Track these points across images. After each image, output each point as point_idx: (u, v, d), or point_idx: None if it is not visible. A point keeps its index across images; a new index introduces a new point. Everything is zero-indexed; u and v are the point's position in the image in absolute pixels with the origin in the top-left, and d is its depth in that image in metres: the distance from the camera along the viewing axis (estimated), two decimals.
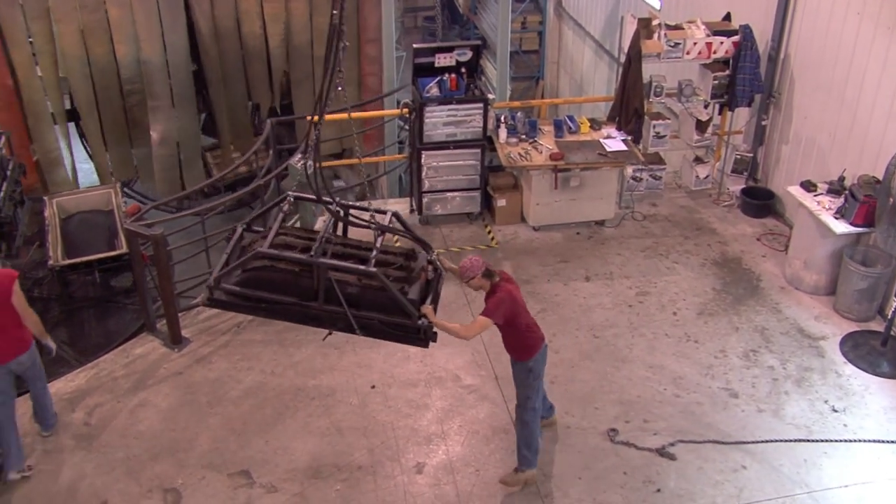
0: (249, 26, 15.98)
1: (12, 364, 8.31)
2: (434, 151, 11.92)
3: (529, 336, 7.79)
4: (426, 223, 12.45)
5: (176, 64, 16.11)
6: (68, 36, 15.65)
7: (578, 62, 20.50)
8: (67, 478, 8.44)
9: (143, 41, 15.81)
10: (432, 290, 7.76)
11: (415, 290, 7.65)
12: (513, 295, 7.52)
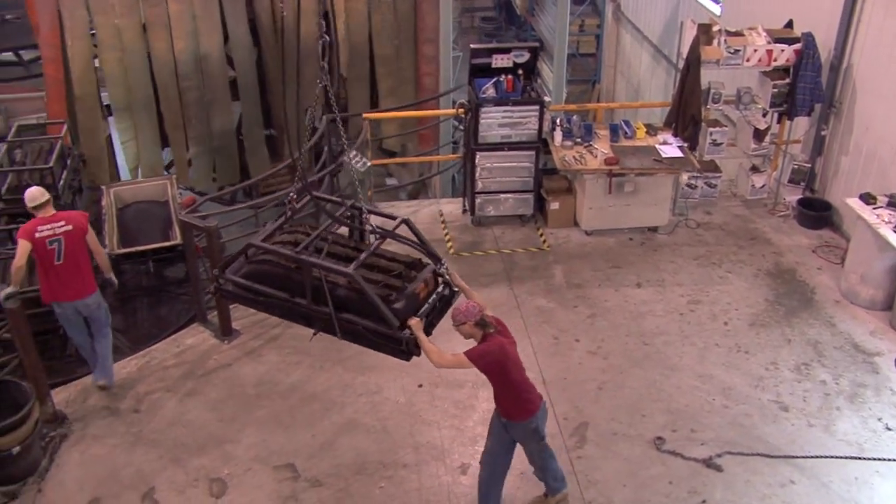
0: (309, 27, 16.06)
1: (79, 304, 9.03)
2: (489, 152, 11.91)
3: (524, 394, 7.27)
4: (478, 224, 12.45)
5: (240, 54, 16.25)
6: (130, 30, 15.85)
7: (635, 66, 20.36)
8: (116, 462, 8.59)
9: (203, 35, 15.96)
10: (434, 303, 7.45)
11: (410, 301, 7.29)
12: (504, 348, 7.06)
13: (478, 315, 7.01)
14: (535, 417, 7.30)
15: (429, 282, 7.58)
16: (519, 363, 7.24)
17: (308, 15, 15.94)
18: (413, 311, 7.31)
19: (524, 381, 7.27)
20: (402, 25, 15.81)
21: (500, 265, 11.56)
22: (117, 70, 16.12)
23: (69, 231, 8.89)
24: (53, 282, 8.95)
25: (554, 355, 9.86)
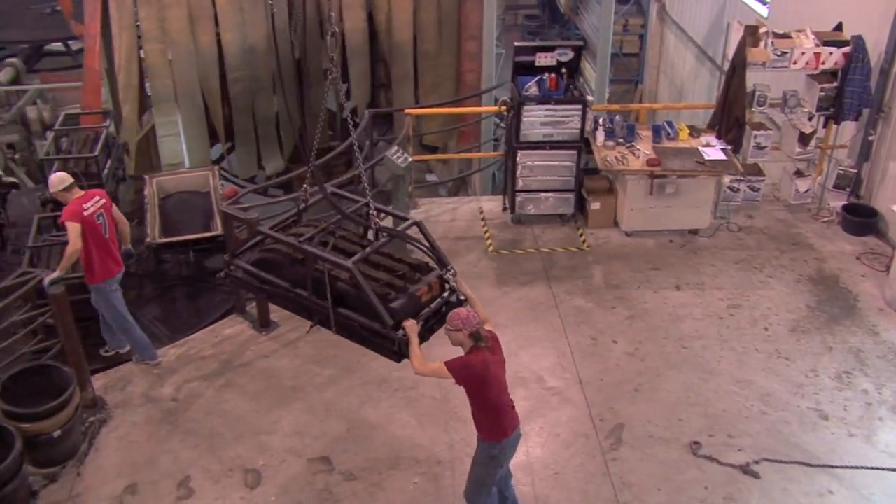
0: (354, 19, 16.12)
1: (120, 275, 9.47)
2: (530, 151, 11.89)
3: (498, 417, 6.97)
4: (518, 222, 12.43)
5: (282, 47, 16.32)
6: (176, 21, 15.95)
7: (679, 67, 20.21)
8: (153, 450, 8.68)
9: (250, 27, 16.05)
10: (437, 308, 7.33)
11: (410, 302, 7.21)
12: (486, 365, 6.71)
13: (475, 326, 6.69)
14: (500, 444, 7.02)
15: (433, 286, 7.45)
16: (501, 384, 6.93)
17: (352, 9, 15.99)
18: (412, 313, 7.20)
19: (501, 405, 6.96)
20: (445, 22, 15.80)
21: (539, 264, 11.53)
22: (160, 62, 16.22)
23: (105, 204, 9.33)
24: (104, 256, 9.23)
25: (591, 356, 9.83)
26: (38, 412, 8.20)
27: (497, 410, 6.93)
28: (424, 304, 7.36)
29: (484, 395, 6.86)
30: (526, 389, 9.33)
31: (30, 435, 8.11)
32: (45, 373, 8.71)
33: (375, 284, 7.25)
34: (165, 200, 13.38)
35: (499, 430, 6.98)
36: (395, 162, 10.98)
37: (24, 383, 8.56)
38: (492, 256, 11.72)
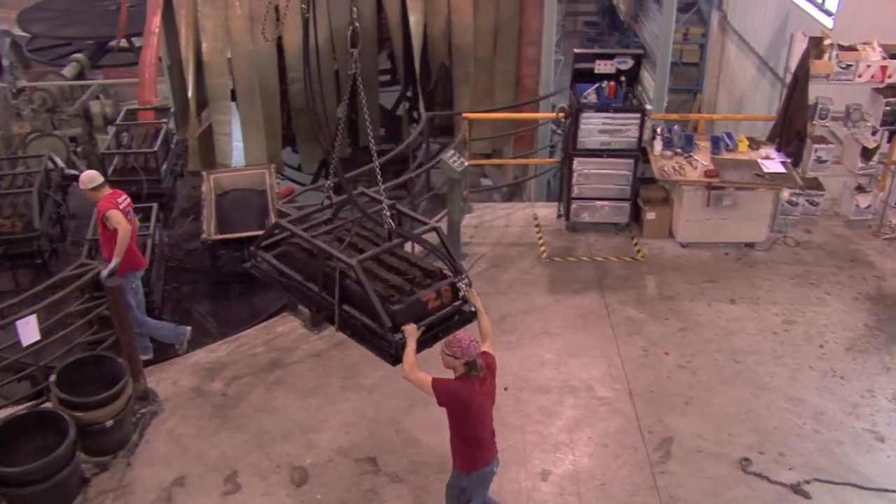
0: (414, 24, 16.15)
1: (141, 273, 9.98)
2: (587, 158, 11.83)
3: (472, 448, 6.87)
4: (572, 230, 12.36)
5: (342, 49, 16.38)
6: (238, 21, 16.10)
7: (739, 78, 19.98)
8: (202, 444, 8.77)
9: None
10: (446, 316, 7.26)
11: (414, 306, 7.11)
12: (470, 397, 6.60)
13: (472, 356, 6.57)
14: (468, 476, 6.95)
15: (443, 293, 7.32)
16: (484, 416, 6.79)
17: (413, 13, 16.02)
18: (415, 318, 7.10)
19: (478, 438, 6.83)
20: (504, 27, 15.78)
21: (592, 272, 11.46)
22: (219, 60, 16.37)
23: (130, 202, 9.92)
24: (132, 253, 9.76)
25: (642, 367, 9.74)
26: (91, 401, 8.34)
27: (472, 442, 6.84)
28: (431, 311, 7.25)
29: (462, 424, 6.78)
30: (575, 398, 9.28)
31: (83, 423, 8.26)
32: (99, 363, 8.87)
33: (381, 285, 7.21)
34: (222, 197, 13.52)
35: (470, 462, 6.91)
36: (452, 166, 10.99)
37: (78, 373, 8.71)
38: (545, 263, 11.67)
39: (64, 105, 18.51)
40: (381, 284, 7.27)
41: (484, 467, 6.92)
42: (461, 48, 16.16)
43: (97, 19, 22.48)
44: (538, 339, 10.21)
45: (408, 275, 7.45)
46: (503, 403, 9.11)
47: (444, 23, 16.06)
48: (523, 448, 8.61)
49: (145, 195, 12.80)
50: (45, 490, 7.77)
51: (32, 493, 7.76)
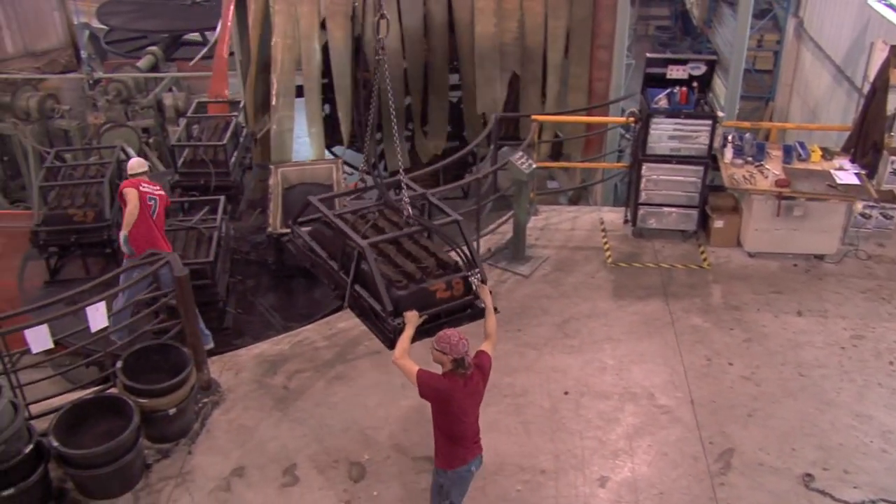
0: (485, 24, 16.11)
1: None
2: (656, 164, 11.70)
3: (450, 445, 6.89)
4: (639, 235, 12.24)
5: (411, 49, 16.44)
6: (306, 18, 16.21)
7: (814, 86, 19.61)
8: (262, 435, 8.86)
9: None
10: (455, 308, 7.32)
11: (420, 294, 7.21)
12: (452, 395, 6.63)
13: (460, 353, 6.59)
14: (445, 473, 6.96)
15: (454, 286, 7.39)
16: (465, 416, 6.79)
17: (484, 14, 16.00)
18: (420, 305, 7.16)
19: (457, 436, 6.85)
20: (577, 31, 15.67)
21: (657, 279, 11.34)
22: (287, 56, 16.48)
23: (162, 196, 10.51)
24: (146, 235, 10.26)
25: (705, 377, 9.61)
26: (155, 389, 8.47)
27: (451, 439, 6.87)
28: (439, 301, 7.33)
29: (442, 420, 6.82)
30: (636, 405, 9.19)
31: (147, 410, 8.39)
32: (164, 352, 8.99)
33: (393, 270, 7.27)
34: (288, 191, 13.63)
35: (447, 459, 6.94)
36: (520, 168, 10.96)
37: (144, 360, 8.85)
38: (610, 268, 11.59)
39: (138, 97, 18.85)
40: (392, 269, 7.36)
41: (460, 465, 6.93)
42: (531, 50, 16.10)
43: (172, 13, 22.86)
44: (600, 344, 10.14)
45: (422, 263, 7.49)
46: (563, 408, 9.10)
47: (516, 28, 16.00)
48: (582, 453, 8.55)
49: (213, 187, 12.96)
50: (109, 473, 7.92)
51: (97, 476, 7.92)
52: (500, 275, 11.46)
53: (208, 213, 11.83)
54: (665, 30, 28.72)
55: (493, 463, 8.40)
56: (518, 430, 8.85)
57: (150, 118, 18.71)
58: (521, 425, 8.90)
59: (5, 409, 7.51)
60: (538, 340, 10.17)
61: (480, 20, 16.09)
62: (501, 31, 16.00)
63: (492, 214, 12.97)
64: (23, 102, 18.27)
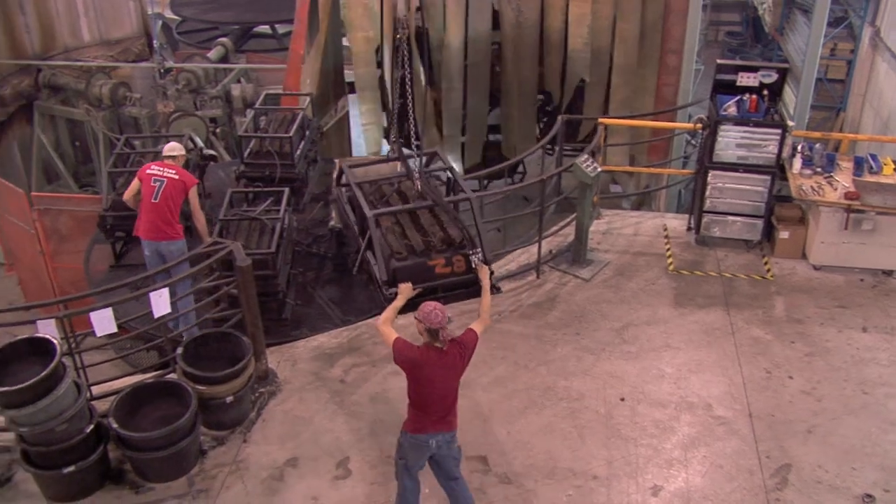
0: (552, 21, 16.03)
1: (159, 246, 10.56)
2: (722, 172, 11.56)
3: (413, 411, 7.19)
4: (702, 243, 12.10)
5: (475, 48, 16.42)
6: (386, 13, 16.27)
7: (888, 98, 19.21)
8: (317, 427, 8.93)
9: (449, 23, 16.22)
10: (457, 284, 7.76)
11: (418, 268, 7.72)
12: (422, 364, 6.91)
13: (434, 324, 6.83)
14: (406, 435, 7.25)
15: (454, 263, 7.78)
16: (433, 388, 7.03)
17: (552, 11, 15.93)
18: (419, 279, 7.48)
19: (422, 404, 7.11)
20: (647, 34, 15.53)
21: (719, 288, 11.20)
22: (365, 49, 16.56)
23: (174, 179, 10.51)
24: (144, 217, 10.55)
25: (764, 389, 9.47)
26: (214, 376, 8.56)
27: (416, 406, 7.16)
28: (437, 276, 7.77)
29: (411, 387, 7.13)
30: (692, 415, 9.09)
31: (205, 397, 8.49)
32: (224, 340, 9.09)
33: (399, 242, 7.40)
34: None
35: (410, 423, 7.24)
36: (585, 170, 10.89)
37: (204, 348, 8.96)
38: (672, 275, 11.47)
39: (207, 87, 19.06)
40: (399, 241, 7.50)
41: (418, 433, 7.18)
42: (597, 53, 16.00)
43: (243, 5, 23.07)
44: (659, 351, 10.04)
45: (429, 238, 7.59)
46: (618, 414, 9.03)
47: (586, 33, 15.91)
48: (636, 461, 8.48)
49: (278, 179, 13.06)
50: (166, 457, 8.03)
51: (154, 459, 8.03)
52: (561, 277, 11.41)
53: (272, 204, 11.91)
54: (735, 35, 28.34)
55: (546, 466, 8.39)
56: (572, 434, 8.80)
57: (218, 108, 18.90)
58: (575, 430, 8.85)
59: (69, 389, 7.65)
60: (596, 345, 10.11)
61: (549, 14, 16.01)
62: (572, 36, 15.91)
63: (554, 216, 12.90)
64: (96, 89, 18.60)
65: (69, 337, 8.38)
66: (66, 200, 15.15)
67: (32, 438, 7.73)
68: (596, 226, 12.42)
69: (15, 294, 16.58)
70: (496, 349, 9.99)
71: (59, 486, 7.99)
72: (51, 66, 19.16)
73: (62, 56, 19.71)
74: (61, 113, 19.40)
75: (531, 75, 16.76)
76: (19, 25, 18.75)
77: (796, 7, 23.20)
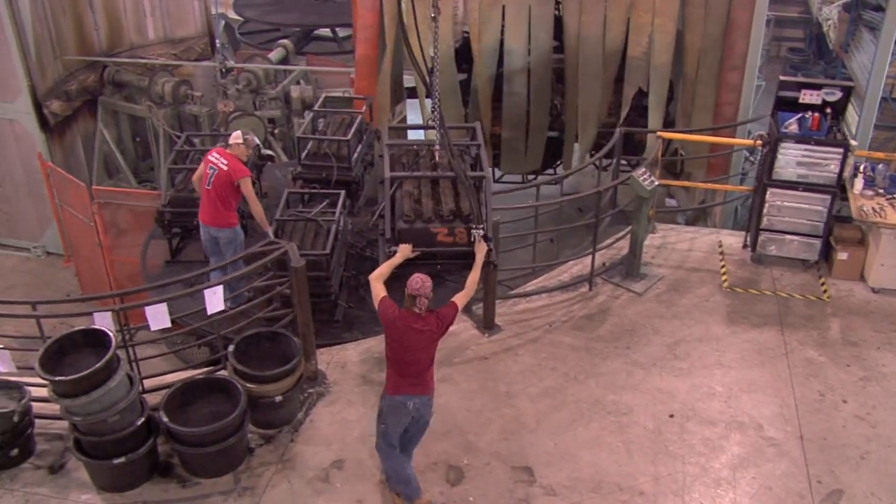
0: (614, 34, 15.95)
1: (211, 230, 11.09)
2: (781, 190, 11.39)
3: (390, 370, 7.68)
4: (758, 261, 11.93)
5: (537, 57, 16.37)
6: (443, 21, 16.29)
7: None
8: (364, 430, 8.95)
9: (510, 31, 16.19)
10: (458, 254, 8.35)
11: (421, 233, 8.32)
12: (395, 323, 7.44)
13: (413, 291, 7.32)
14: (385, 398, 7.70)
15: (456, 234, 8.32)
16: (407, 350, 7.48)
17: (614, 23, 15.83)
18: (420, 243, 8.25)
19: (396, 363, 7.57)
20: (708, 49, 15.37)
21: (773, 307, 11.05)
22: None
23: (223, 170, 10.82)
24: (202, 201, 11.13)
25: (817, 412, 9.32)
26: (264, 375, 8.64)
27: (393, 367, 7.63)
28: (438, 244, 8.35)
29: (388, 347, 7.63)
30: (742, 435, 8.97)
31: (254, 395, 8.55)
32: (275, 339, 9.17)
33: (410, 205, 8.45)
34: None
35: (388, 384, 7.68)
36: (642, 184, 10.82)
37: (255, 346, 9.04)
38: (725, 293, 11.33)
39: (267, 87, 19.22)
40: (411, 205, 8.48)
41: (395, 394, 7.60)
42: (658, 67, 15.87)
43: (305, 8, 23.28)
44: (710, 369, 9.93)
45: (440, 207, 8.55)
46: (667, 430, 8.95)
47: (645, 42, 15.79)
48: (683, 479, 8.39)
49: (334, 181, 13.13)
50: (214, 453, 8.13)
51: (202, 454, 8.13)
52: (613, 290, 11.34)
53: (328, 206, 11.98)
54: (798, 52, 27.95)
55: (592, 480, 8.34)
56: (619, 449, 8.74)
57: (277, 109, 19.05)
58: (622, 444, 8.79)
59: (122, 381, 7.76)
60: (647, 360, 10.02)
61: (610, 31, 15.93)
62: (631, 44, 15.81)
63: (609, 229, 12.83)
64: (158, 87, 18.85)
65: (124, 330, 8.51)
66: (126, 195, 15.33)
67: (85, 428, 7.86)
68: (650, 240, 12.32)
69: (72, 285, 16.86)
70: (546, 360, 9.96)
71: (108, 476, 8.12)
72: (116, 63, 19.46)
73: (127, 53, 20.02)
74: (124, 109, 19.68)
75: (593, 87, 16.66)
76: (88, 23, 19.09)
77: (863, 24, 22.82)
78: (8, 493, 8.16)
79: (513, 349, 10.16)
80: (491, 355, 10.07)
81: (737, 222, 15.51)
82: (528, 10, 15.95)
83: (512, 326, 10.52)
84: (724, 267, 11.91)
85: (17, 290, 16.59)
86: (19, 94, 16.92)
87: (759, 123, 14.79)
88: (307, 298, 9.19)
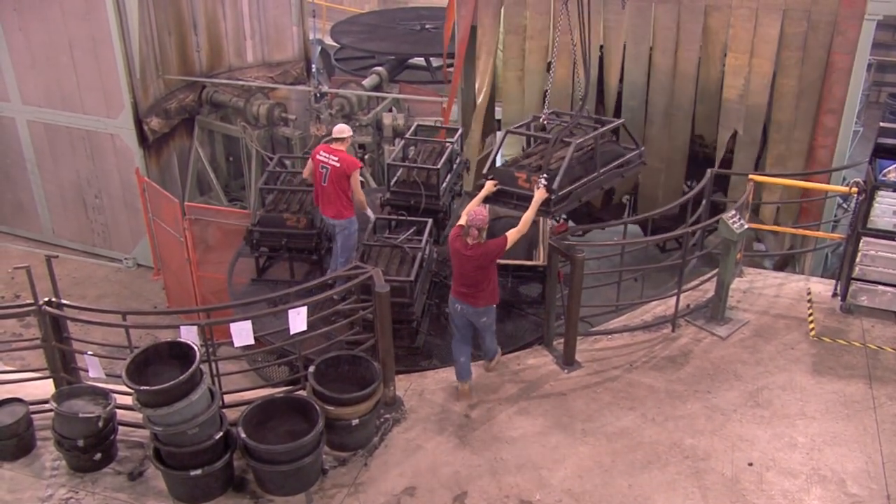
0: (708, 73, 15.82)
1: (331, 222, 12.15)
2: (876, 239, 11.10)
3: (455, 280, 9.49)
4: (848, 311, 11.63)
5: (630, 94, 16.32)
6: (535, 53, 16.37)
7: None
8: (437, 459, 8.98)
9: (608, 66, 16.18)
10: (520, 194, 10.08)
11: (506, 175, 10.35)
12: (452, 244, 9.30)
13: (468, 221, 9.08)
14: (450, 297, 9.69)
15: (531, 180, 9.99)
16: (458, 266, 9.36)
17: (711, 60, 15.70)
18: (505, 182, 10.22)
19: (456, 275, 9.47)
20: (805, 92, 15.14)
21: (862, 360, 10.75)
22: (515, 89, 16.68)
23: (336, 167, 11.74)
24: (319, 197, 12.07)
25: None
26: (342, 398, 8.72)
27: (455, 276, 9.52)
28: (518, 187, 10.15)
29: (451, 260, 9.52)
30: (823, 489, 8.73)
31: (331, 417, 8.63)
32: (355, 363, 9.26)
33: (525, 158, 10.83)
34: (494, 222, 13.68)
35: (452, 287, 9.63)
36: (731, 226, 10.67)
37: (335, 369, 9.14)
38: (812, 342, 11.07)
39: (359, 113, 19.48)
40: (520, 156, 11.01)
41: (452, 295, 9.64)
42: (753, 109, 15.68)
43: (399, 37, 23.54)
44: (792, 419, 9.70)
45: (531, 159, 10.66)
46: (745, 479, 8.77)
47: (741, 84, 15.63)
48: None
49: (422, 209, 13.22)
50: (289, 472, 8.22)
51: (277, 472, 8.22)
52: (697, 333, 11.17)
53: (414, 233, 12.08)
54: None
55: None
56: (695, 494, 8.57)
57: (369, 135, 19.29)
58: (698, 490, 8.62)
59: (203, 395, 7.91)
60: (727, 405, 9.84)
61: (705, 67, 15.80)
62: (727, 86, 15.65)
63: (695, 271, 12.67)
64: (254, 108, 19.24)
65: (208, 344, 8.67)
66: (216, 213, 15.67)
67: (165, 438, 8.02)
68: (737, 283, 12.13)
69: (159, 298, 17.25)
70: (624, 399, 9.84)
71: (184, 487, 8.25)
72: (214, 84, 19.96)
73: (226, 75, 20.54)
74: (219, 128, 20.15)
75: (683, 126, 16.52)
76: (191, 44, 19.64)
77: None
78: (90, 495, 8.37)
79: (591, 387, 10.07)
80: (569, 391, 9.99)
81: (827, 269, 15.18)
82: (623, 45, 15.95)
83: (592, 364, 10.44)
84: (811, 315, 11.65)
85: (107, 300, 17.05)
86: (122, 109, 17.45)
87: (855, 170, 14.47)
88: (389, 324, 9.25)
